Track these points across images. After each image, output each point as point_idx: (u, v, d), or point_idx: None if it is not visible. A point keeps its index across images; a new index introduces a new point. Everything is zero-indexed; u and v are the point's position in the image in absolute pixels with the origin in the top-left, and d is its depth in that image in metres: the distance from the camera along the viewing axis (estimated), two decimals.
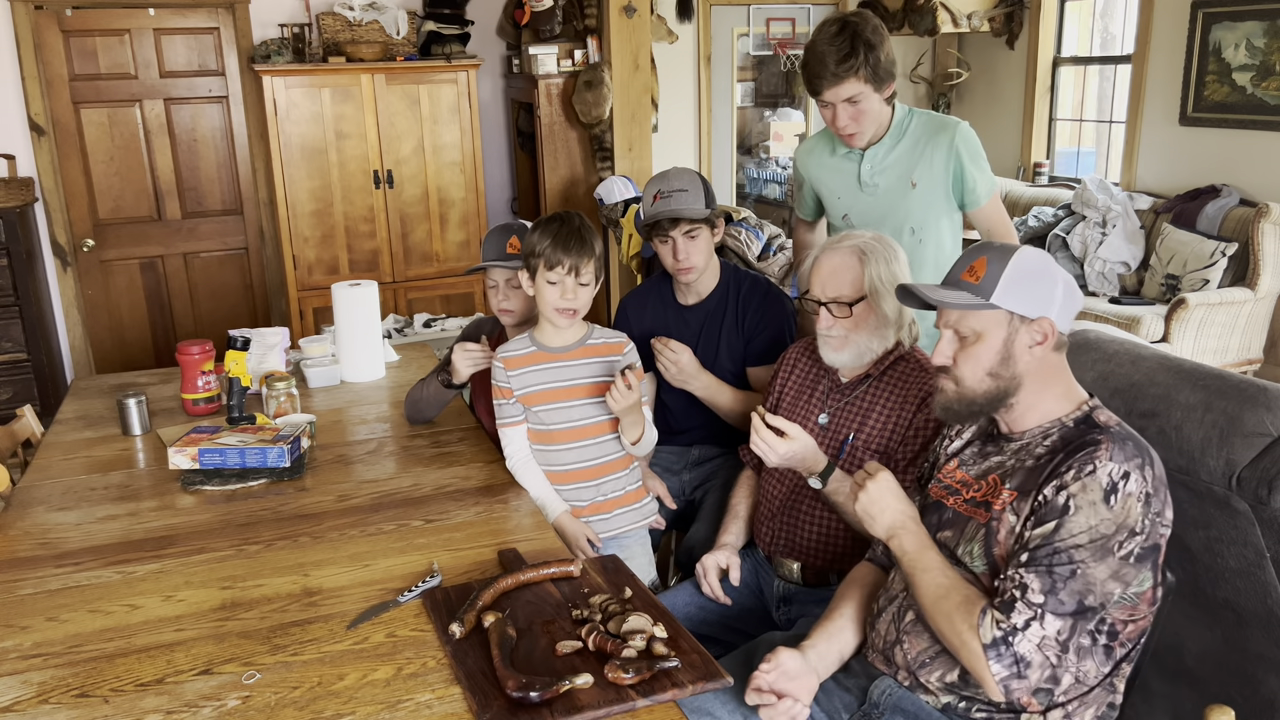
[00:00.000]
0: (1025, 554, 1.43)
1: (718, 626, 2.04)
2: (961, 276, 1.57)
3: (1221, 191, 4.87)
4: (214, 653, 1.56)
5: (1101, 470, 1.41)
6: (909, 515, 1.59)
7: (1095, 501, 1.40)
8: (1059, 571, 1.40)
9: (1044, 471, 1.48)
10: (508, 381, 2.18)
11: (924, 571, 1.53)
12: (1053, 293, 1.52)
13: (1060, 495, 1.42)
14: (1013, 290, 1.51)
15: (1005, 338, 1.53)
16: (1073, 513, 1.41)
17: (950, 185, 2.43)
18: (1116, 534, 1.40)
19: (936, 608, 1.49)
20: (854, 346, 1.97)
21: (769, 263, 4.47)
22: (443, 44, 5.11)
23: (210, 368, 2.68)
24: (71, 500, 2.18)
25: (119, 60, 4.99)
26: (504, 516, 2.06)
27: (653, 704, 1.39)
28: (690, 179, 2.45)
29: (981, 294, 1.53)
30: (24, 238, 4.67)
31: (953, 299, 1.55)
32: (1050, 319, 1.52)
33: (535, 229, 2.13)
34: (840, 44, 2.26)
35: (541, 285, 2.10)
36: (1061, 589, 1.39)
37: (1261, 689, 1.65)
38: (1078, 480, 1.42)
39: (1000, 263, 1.53)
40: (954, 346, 1.58)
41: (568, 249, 2.06)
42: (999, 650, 1.40)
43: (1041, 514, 1.44)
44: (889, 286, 1.93)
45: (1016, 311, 1.51)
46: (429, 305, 5.23)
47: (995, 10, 6.14)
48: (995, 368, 1.54)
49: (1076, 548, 1.40)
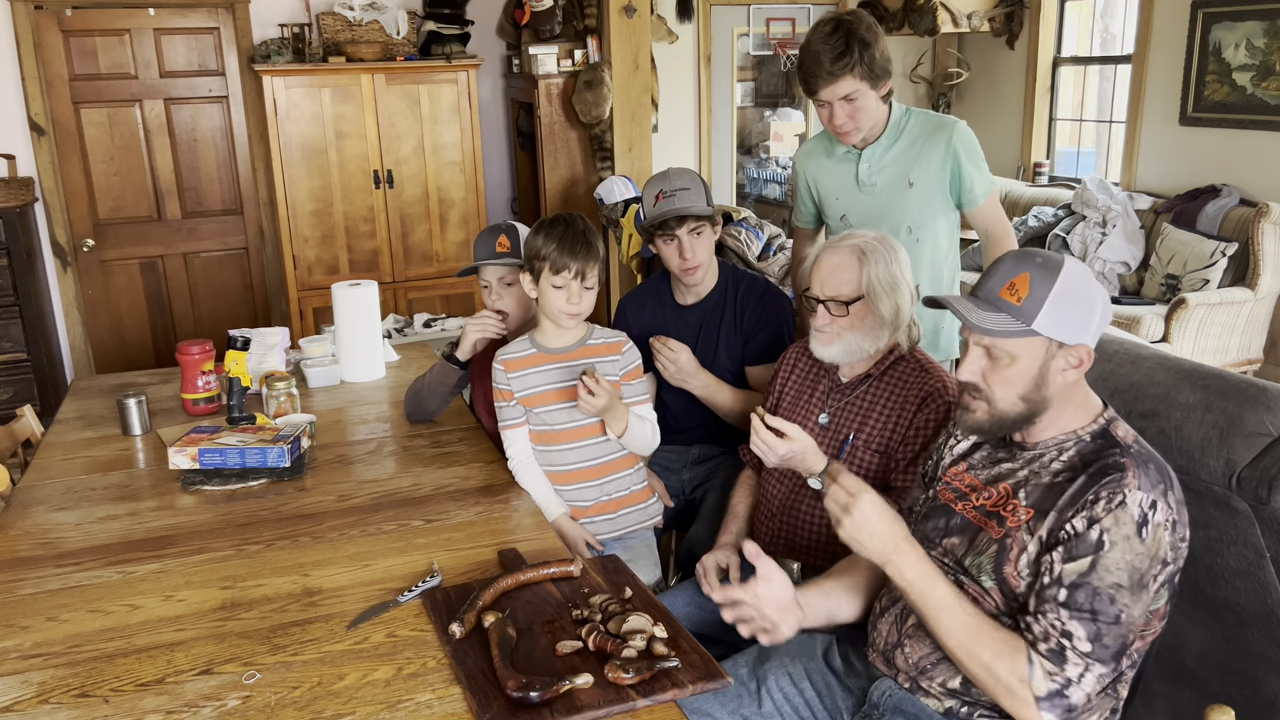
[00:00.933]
0: (1062, 592, 1.38)
1: (718, 626, 2.03)
2: (1000, 294, 1.47)
3: (1221, 191, 4.87)
4: (214, 653, 1.56)
5: (1131, 501, 1.37)
6: (901, 537, 1.47)
7: (1129, 536, 1.36)
8: (1103, 618, 1.36)
9: (1064, 493, 1.44)
10: (508, 384, 2.18)
11: (941, 609, 1.44)
12: (1092, 316, 1.46)
13: (1093, 530, 1.37)
14: (1056, 316, 1.43)
15: (1041, 363, 1.46)
16: (1108, 549, 1.36)
17: (948, 185, 2.44)
18: (1150, 567, 1.38)
19: (969, 654, 1.42)
20: (844, 344, 1.97)
21: (769, 262, 4.47)
22: (443, 44, 5.11)
23: (210, 368, 2.68)
24: (71, 500, 2.18)
25: (119, 60, 4.99)
26: (504, 516, 2.06)
27: (653, 704, 1.39)
28: (690, 178, 2.46)
29: (1023, 318, 1.44)
30: (24, 238, 4.67)
31: (991, 323, 1.45)
32: (1088, 345, 1.46)
33: (539, 231, 2.12)
34: (835, 42, 2.27)
35: (546, 289, 2.10)
36: (1106, 635, 1.36)
37: (1262, 689, 1.65)
38: (1109, 513, 1.37)
39: (1045, 283, 1.43)
40: (983, 364, 1.50)
41: (574, 253, 2.06)
42: (1054, 701, 1.37)
43: (1072, 547, 1.39)
44: (887, 288, 1.93)
45: (1056, 338, 1.45)
46: (429, 305, 5.24)
47: (995, 10, 6.14)
48: (1028, 392, 1.48)
49: (1117, 588, 1.36)
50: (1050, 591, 1.39)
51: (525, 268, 2.14)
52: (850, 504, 1.48)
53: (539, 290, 2.12)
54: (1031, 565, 1.44)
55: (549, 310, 2.13)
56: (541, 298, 2.12)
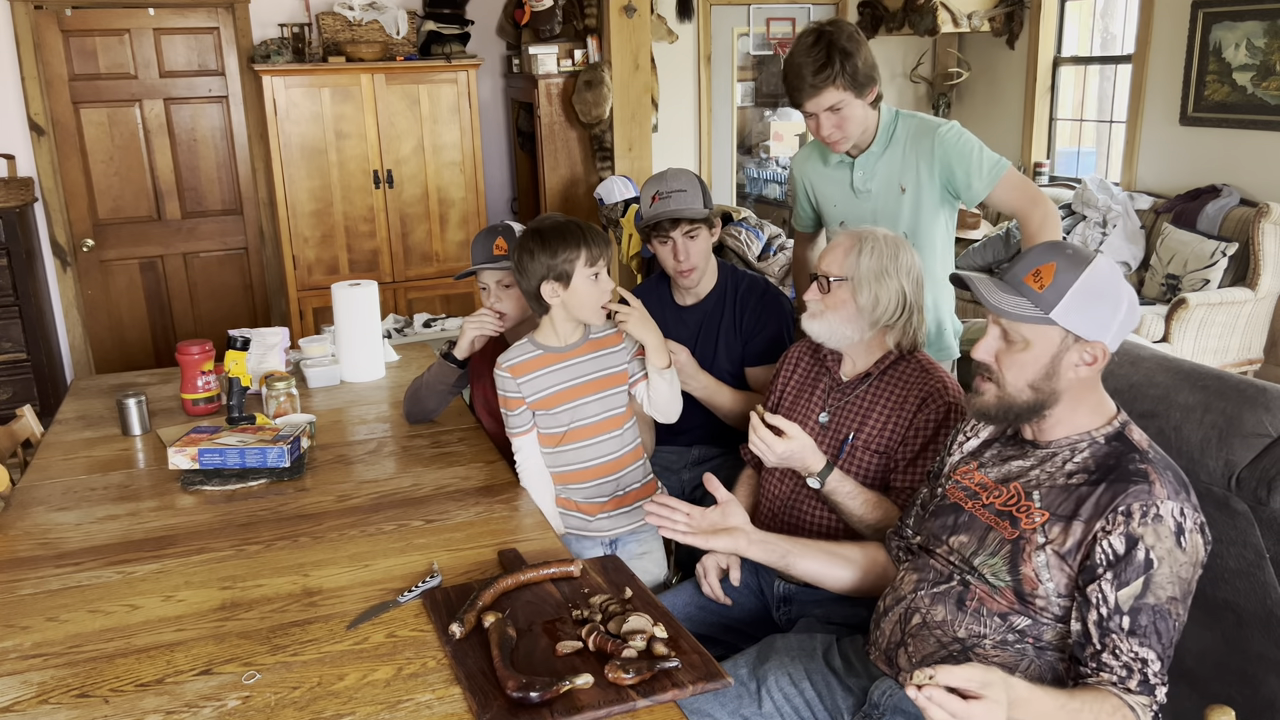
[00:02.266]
0: (1125, 619, 1.37)
1: (718, 627, 2.04)
2: (1025, 279, 1.47)
3: (1222, 191, 4.87)
4: (214, 653, 1.56)
5: (1165, 512, 1.38)
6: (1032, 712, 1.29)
7: (1171, 549, 1.37)
8: (1164, 636, 1.37)
9: (1085, 501, 1.43)
10: (518, 390, 2.13)
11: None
12: (1115, 315, 1.45)
13: (1138, 550, 1.37)
14: (1076, 308, 1.44)
15: (1054, 354, 1.47)
16: (1157, 566, 1.37)
17: (941, 188, 2.44)
18: (1194, 574, 1.40)
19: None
20: (825, 323, 1.98)
21: (769, 262, 4.48)
22: (443, 44, 5.11)
23: (210, 368, 2.68)
24: (71, 500, 2.18)
25: (119, 60, 4.99)
26: (504, 516, 2.06)
27: (653, 704, 1.39)
28: (688, 179, 2.45)
29: (1042, 305, 1.45)
30: (24, 238, 4.67)
31: (1010, 306, 1.46)
32: (1105, 343, 1.46)
33: (549, 241, 2.03)
34: (816, 55, 2.27)
35: (582, 287, 2.04)
36: (1169, 648, 1.38)
37: (1262, 689, 1.65)
38: (1147, 527, 1.37)
39: (1071, 274, 1.44)
40: (998, 345, 1.51)
41: (599, 240, 2.06)
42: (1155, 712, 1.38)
43: (1121, 572, 1.38)
44: (870, 279, 1.93)
45: (1073, 331, 1.45)
46: (429, 305, 5.24)
47: (995, 10, 6.14)
48: (1037, 380, 1.48)
49: (1172, 601, 1.37)
50: (1113, 622, 1.38)
51: (543, 280, 2.04)
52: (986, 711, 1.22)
53: (569, 292, 2.04)
54: (1050, 569, 1.44)
55: (586, 309, 2.07)
56: (574, 300, 2.05)
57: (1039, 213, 2.37)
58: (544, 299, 2.08)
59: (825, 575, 1.78)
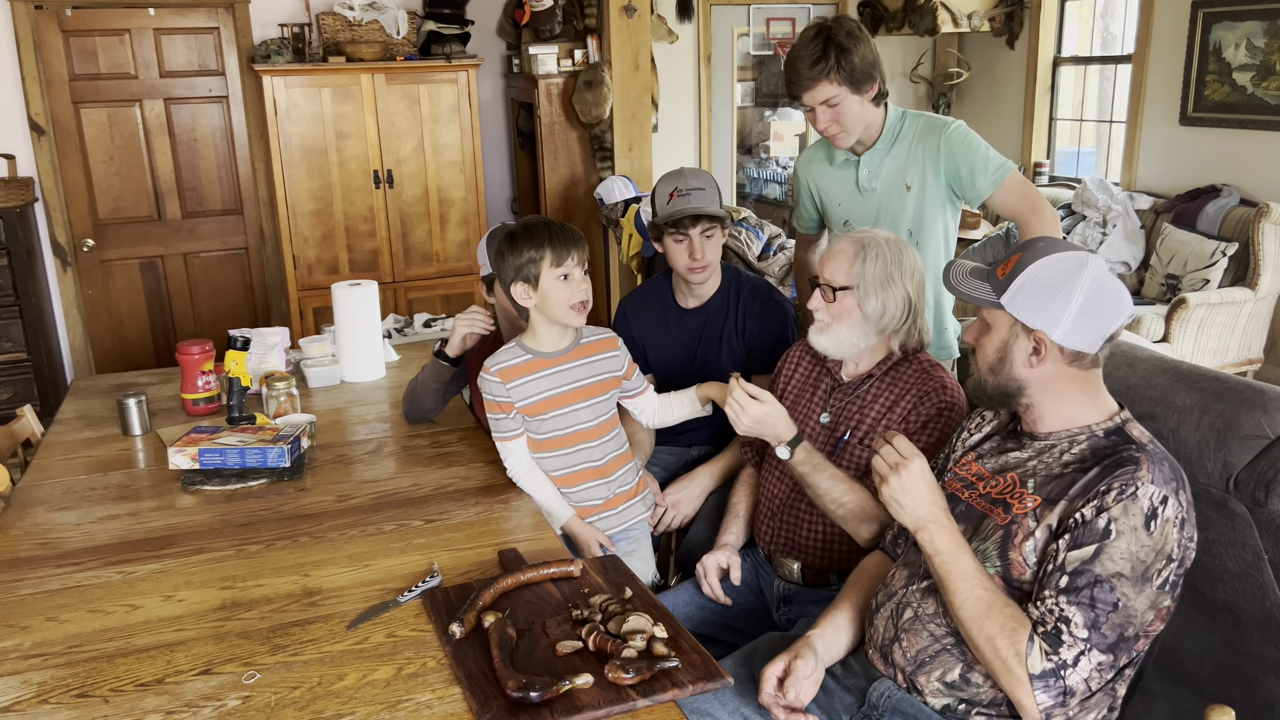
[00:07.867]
0: (1064, 578, 1.39)
1: (718, 626, 2.04)
2: (998, 268, 1.57)
3: (1222, 191, 4.87)
4: (214, 653, 1.56)
5: (1143, 494, 1.38)
6: (940, 508, 1.51)
7: (1136, 527, 1.38)
8: (1101, 606, 1.37)
9: (1075, 484, 1.45)
10: (507, 395, 2.09)
11: (963, 580, 1.45)
12: (1063, 310, 1.47)
13: (1101, 518, 1.39)
14: (1020, 296, 1.50)
15: (1004, 340, 1.53)
16: (1114, 538, 1.38)
17: (946, 187, 2.44)
18: (1155, 561, 1.38)
19: (978, 625, 1.43)
20: (834, 335, 1.97)
21: (769, 262, 4.47)
22: (443, 44, 5.11)
23: (210, 368, 2.69)
24: (71, 500, 2.18)
25: (119, 60, 5.00)
26: (504, 516, 2.06)
27: (653, 704, 1.39)
28: (706, 178, 2.46)
29: (997, 290, 1.52)
30: (24, 237, 4.67)
31: (967, 287, 1.57)
32: (1045, 333, 1.48)
33: (517, 242, 2.03)
34: (813, 49, 2.30)
35: (550, 287, 2.02)
36: (1104, 623, 1.37)
37: (1261, 689, 1.65)
38: (1119, 503, 1.38)
39: (1026, 264, 1.51)
40: (978, 328, 1.60)
41: (567, 240, 2.02)
42: (1047, 682, 1.38)
43: (1078, 535, 1.40)
44: (877, 286, 1.92)
45: (1018, 318, 1.51)
46: (429, 305, 5.24)
47: (995, 10, 6.14)
48: (994, 365, 1.55)
49: (1118, 577, 1.37)
50: (1053, 578, 1.41)
51: (512, 283, 2.04)
52: (900, 465, 1.52)
53: (539, 294, 2.03)
54: (1038, 552, 1.46)
55: (557, 310, 2.04)
56: (545, 300, 2.04)
57: (1038, 221, 2.38)
58: (518, 301, 2.07)
59: (856, 634, 1.74)
